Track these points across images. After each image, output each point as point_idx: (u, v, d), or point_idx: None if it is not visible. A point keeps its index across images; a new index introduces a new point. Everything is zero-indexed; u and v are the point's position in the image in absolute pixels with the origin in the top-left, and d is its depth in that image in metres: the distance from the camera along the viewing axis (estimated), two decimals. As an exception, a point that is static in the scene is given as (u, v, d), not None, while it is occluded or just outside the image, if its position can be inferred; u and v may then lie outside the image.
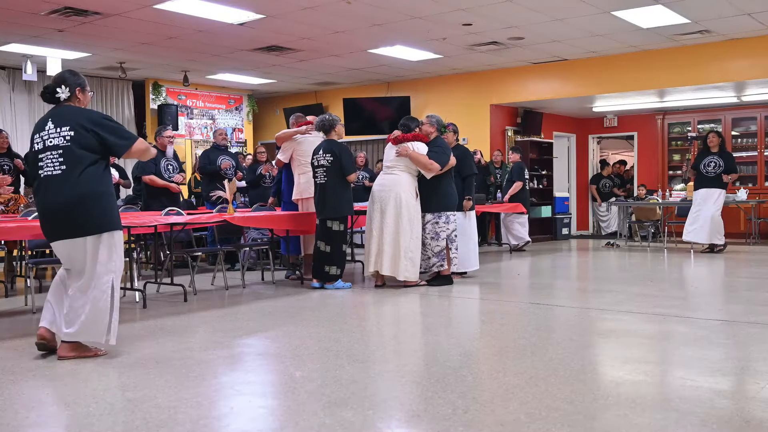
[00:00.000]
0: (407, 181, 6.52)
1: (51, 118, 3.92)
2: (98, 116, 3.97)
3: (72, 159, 3.80)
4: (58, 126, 3.86)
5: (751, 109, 12.08)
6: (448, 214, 6.59)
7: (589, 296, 6.26)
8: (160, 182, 7.54)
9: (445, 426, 2.68)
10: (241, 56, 10.60)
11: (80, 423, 2.79)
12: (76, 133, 3.83)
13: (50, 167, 3.83)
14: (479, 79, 12.13)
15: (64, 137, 3.83)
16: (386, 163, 6.67)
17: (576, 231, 14.05)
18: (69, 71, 4.12)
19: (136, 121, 12.66)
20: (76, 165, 3.80)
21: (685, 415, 2.77)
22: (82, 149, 3.82)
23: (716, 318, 4.88)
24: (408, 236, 6.43)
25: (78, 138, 3.82)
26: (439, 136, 6.74)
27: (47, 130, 3.88)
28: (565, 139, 14.17)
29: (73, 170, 3.80)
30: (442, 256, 6.59)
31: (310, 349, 4.14)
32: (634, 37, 9.59)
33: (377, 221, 6.49)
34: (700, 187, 9.47)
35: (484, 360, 3.83)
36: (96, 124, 3.88)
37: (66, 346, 3.89)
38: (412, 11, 8.21)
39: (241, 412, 2.93)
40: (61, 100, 3.96)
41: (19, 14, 8.07)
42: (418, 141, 6.56)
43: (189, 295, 6.16)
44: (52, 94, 3.95)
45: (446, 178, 6.62)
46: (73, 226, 3.81)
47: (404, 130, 6.65)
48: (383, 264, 6.43)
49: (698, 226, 9.41)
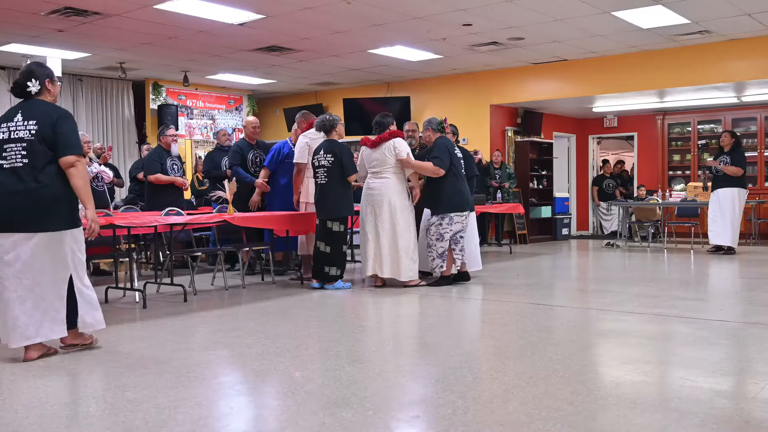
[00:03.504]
0: (398, 184, 6.52)
1: (21, 110, 3.91)
2: (64, 114, 3.94)
3: (35, 153, 3.79)
4: (27, 119, 3.85)
5: (751, 110, 12.09)
6: (452, 215, 6.54)
7: (589, 296, 6.27)
8: (165, 178, 7.55)
9: (445, 426, 2.68)
10: (241, 56, 10.60)
11: (80, 423, 2.79)
12: (40, 127, 3.82)
13: (12, 159, 3.81)
14: (479, 79, 12.13)
15: (29, 131, 3.82)
16: (371, 167, 6.59)
17: (576, 231, 14.06)
18: (36, 63, 4.10)
19: (136, 121, 12.66)
20: (38, 159, 3.79)
21: (685, 415, 2.77)
22: (44, 144, 3.81)
23: (716, 318, 4.88)
24: (406, 237, 6.47)
25: (41, 132, 3.82)
26: (442, 135, 6.71)
27: (15, 122, 3.87)
28: (565, 140, 14.17)
29: (34, 164, 3.79)
30: (444, 258, 6.59)
31: (310, 349, 4.14)
32: (634, 37, 9.59)
33: (371, 224, 6.50)
34: (715, 187, 9.47)
35: (484, 360, 3.83)
36: (60, 121, 3.85)
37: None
38: (412, 11, 8.21)
39: (241, 412, 2.93)
40: (32, 94, 3.94)
41: (19, 14, 8.07)
42: (396, 138, 6.54)
43: (189, 295, 6.15)
44: (23, 88, 3.93)
45: (450, 179, 6.55)
46: (26, 220, 3.77)
47: (379, 130, 6.59)
48: (383, 267, 6.47)
49: (718, 228, 9.38)
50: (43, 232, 3.80)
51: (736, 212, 9.29)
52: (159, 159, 7.63)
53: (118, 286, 6.31)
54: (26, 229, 3.79)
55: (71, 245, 3.90)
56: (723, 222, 9.31)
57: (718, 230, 9.37)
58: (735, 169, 9.24)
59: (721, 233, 9.35)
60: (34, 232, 3.79)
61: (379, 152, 6.53)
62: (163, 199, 7.43)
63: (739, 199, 9.32)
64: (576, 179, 14.39)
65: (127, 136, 12.51)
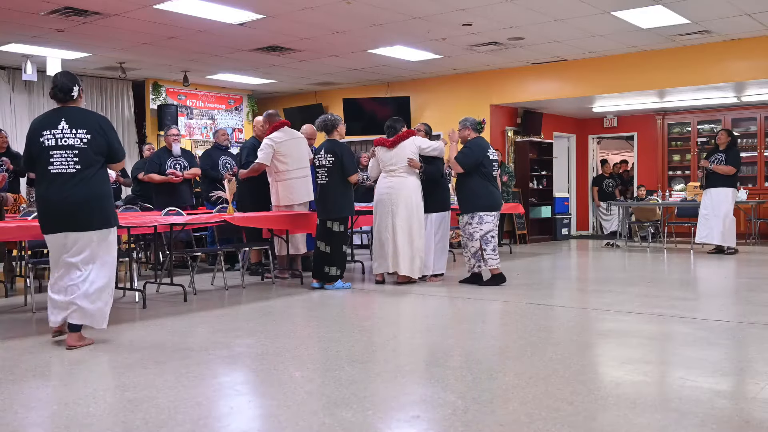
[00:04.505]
0: (414, 183, 6.64)
1: (64, 118, 4.16)
2: (108, 123, 4.32)
3: (86, 160, 4.12)
4: (74, 127, 4.14)
5: (751, 110, 12.08)
6: (481, 215, 6.54)
7: (589, 296, 6.27)
8: (158, 177, 7.65)
9: (445, 426, 2.69)
10: (241, 56, 10.59)
11: (80, 423, 2.79)
12: (92, 137, 4.15)
13: (63, 165, 4.10)
14: (479, 79, 12.13)
15: (81, 139, 4.13)
16: (388, 166, 6.68)
17: (576, 231, 14.06)
18: (70, 73, 4.36)
19: (135, 122, 12.65)
20: (89, 166, 4.13)
21: (685, 415, 2.77)
22: (95, 152, 4.16)
23: (716, 318, 4.88)
24: (418, 237, 6.61)
25: (93, 141, 4.15)
26: (478, 136, 6.74)
27: (61, 129, 4.13)
28: (565, 140, 14.17)
29: (86, 170, 4.12)
30: (478, 257, 6.60)
31: (310, 349, 4.14)
32: (633, 37, 9.58)
33: (389, 223, 6.55)
34: (707, 186, 9.47)
35: (484, 360, 3.83)
36: (107, 130, 4.24)
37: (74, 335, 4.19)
38: (412, 11, 8.20)
39: (241, 412, 2.93)
40: (74, 99, 4.24)
41: (19, 14, 8.07)
42: (414, 136, 6.74)
43: (189, 295, 6.16)
44: (68, 92, 4.20)
45: (476, 178, 6.58)
46: (83, 221, 4.12)
47: (392, 132, 6.72)
48: (400, 265, 6.57)
49: (709, 227, 9.37)
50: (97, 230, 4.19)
51: (729, 211, 9.29)
52: (158, 159, 7.77)
53: (118, 286, 6.30)
54: (83, 228, 4.15)
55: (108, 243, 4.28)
56: (714, 222, 9.31)
57: (707, 229, 9.37)
58: (727, 168, 9.23)
59: (710, 232, 9.34)
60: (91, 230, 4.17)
61: (396, 151, 6.63)
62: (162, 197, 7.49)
63: (731, 199, 9.33)
64: (576, 179, 14.39)
65: (127, 136, 12.50)
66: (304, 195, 7.15)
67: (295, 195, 7.09)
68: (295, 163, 7.10)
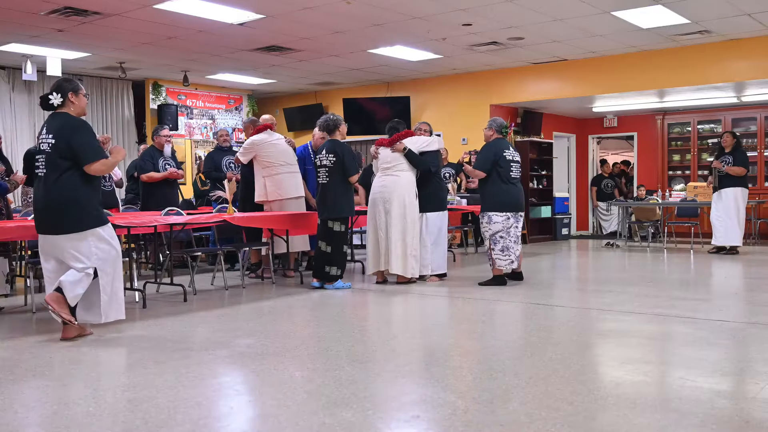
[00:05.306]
0: (409, 181, 6.66)
1: (46, 123, 4.31)
2: (77, 125, 4.27)
3: (52, 164, 4.19)
4: (49, 132, 4.24)
5: (751, 110, 12.08)
6: (490, 215, 6.54)
7: (589, 296, 6.27)
8: (158, 175, 7.72)
9: (445, 426, 2.69)
10: (241, 56, 10.60)
11: (80, 423, 2.79)
12: (56, 141, 4.20)
13: (40, 170, 4.25)
14: (479, 79, 12.12)
15: (48, 144, 4.21)
16: (384, 165, 6.74)
17: (576, 231, 14.05)
18: (63, 79, 4.47)
19: (135, 121, 12.66)
20: (54, 170, 4.18)
21: (685, 415, 2.77)
22: (60, 156, 4.18)
23: (716, 318, 4.88)
24: (411, 235, 6.61)
25: (56, 145, 4.19)
26: (497, 138, 6.72)
27: (43, 134, 4.27)
28: (564, 140, 14.16)
29: (51, 174, 4.20)
30: (489, 256, 6.61)
31: (310, 349, 4.14)
32: (633, 37, 9.58)
33: (382, 221, 6.56)
34: (718, 188, 9.46)
35: (484, 360, 3.83)
36: (72, 133, 4.21)
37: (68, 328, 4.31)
38: (412, 11, 8.20)
39: (241, 412, 2.93)
40: (55, 107, 4.28)
41: (19, 14, 8.07)
42: (409, 137, 6.79)
43: (189, 295, 6.16)
44: (45, 101, 4.30)
45: (492, 179, 6.57)
46: (49, 224, 4.23)
47: (392, 134, 6.82)
48: (392, 263, 6.58)
49: (725, 229, 9.36)
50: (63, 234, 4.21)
51: (741, 212, 9.29)
52: (151, 159, 7.82)
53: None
54: (52, 232, 4.22)
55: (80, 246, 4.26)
56: (730, 223, 9.29)
57: (724, 231, 9.35)
58: (738, 169, 9.26)
59: (727, 234, 9.33)
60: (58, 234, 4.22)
61: (393, 150, 6.72)
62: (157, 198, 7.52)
63: (742, 199, 9.33)
64: (576, 179, 14.39)
65: (127, 136, 12.51)
66: (292, 190, 7.20)
67: (284, 190, 7.15)
68: (282, 158, 7.20)
